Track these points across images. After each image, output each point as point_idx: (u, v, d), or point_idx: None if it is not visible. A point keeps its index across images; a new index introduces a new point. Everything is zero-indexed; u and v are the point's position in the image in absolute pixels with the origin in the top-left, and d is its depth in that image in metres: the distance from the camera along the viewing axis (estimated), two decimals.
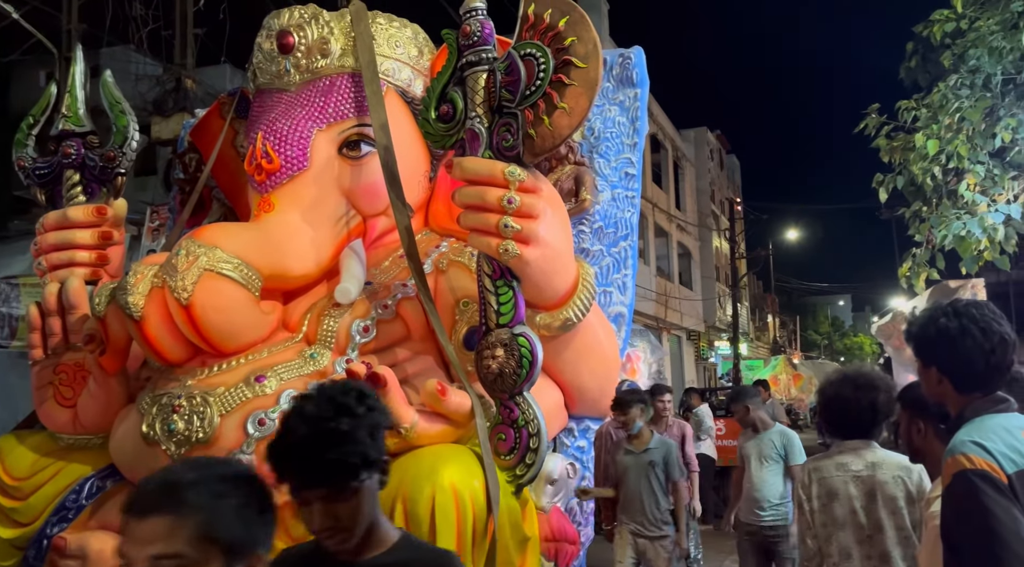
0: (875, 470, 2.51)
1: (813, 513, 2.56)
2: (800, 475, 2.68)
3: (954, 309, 1.82)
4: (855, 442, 2.59)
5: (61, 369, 4.48)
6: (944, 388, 1.78)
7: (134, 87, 10.22)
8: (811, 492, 2.59)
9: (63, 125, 4.86)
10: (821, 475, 2.59)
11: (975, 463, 1.61)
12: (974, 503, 1.58)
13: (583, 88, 3.58)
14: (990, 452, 1.64)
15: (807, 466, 2.66)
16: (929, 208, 7.38)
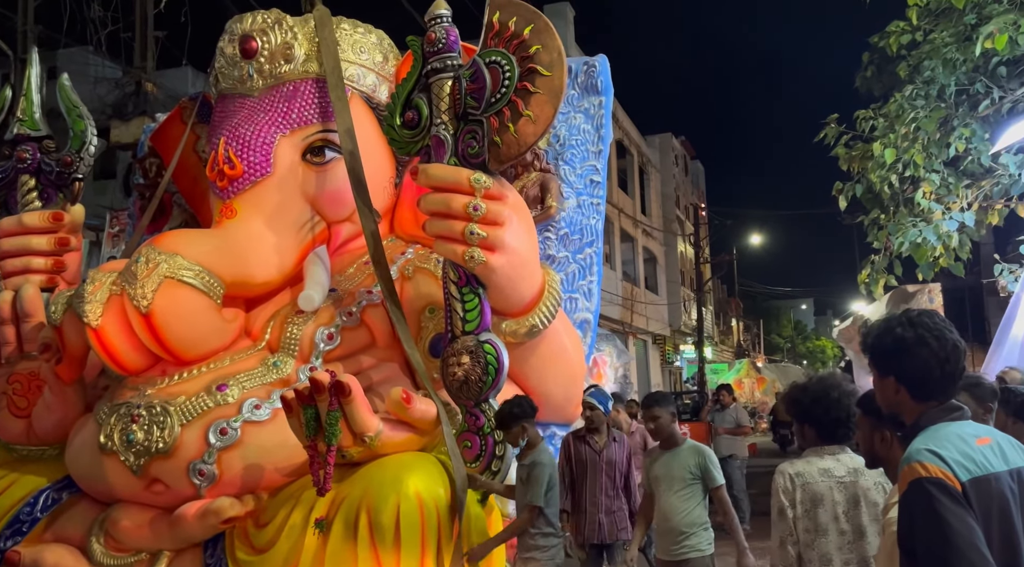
0: (858, 476, 2.52)
1: (796, 520, 2.51)
2: (782, 481, 2.59)
3: (908, 319, 1.86)
4: (833, 447, 2.59)
5: (15, 378, 4.38)
6: (901, 397, 1.82)
7: (93, 90, 10.03)
8: (795, 498, 2.53)
9: (18, 129, 4.75)
10: (805, 480, 2.54)
11: (930, 471, 1.64)
12: (929, 511, 1.61)
13: (548, 96, 3.61)
14: (945, 460, 1.67)
15: (787, 471, 2.59)
16: (887, 216, 7.54)
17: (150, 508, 3.94)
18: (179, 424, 3.78)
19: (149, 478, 3.86)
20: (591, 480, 5.40)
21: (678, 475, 4.38)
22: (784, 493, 2.56)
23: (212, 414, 3.82)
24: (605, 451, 5.38)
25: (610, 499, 5.40)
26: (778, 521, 2.57)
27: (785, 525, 2.54)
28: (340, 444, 3.57)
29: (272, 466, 3.86)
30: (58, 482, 4.23)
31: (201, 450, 3.77)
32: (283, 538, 3.64)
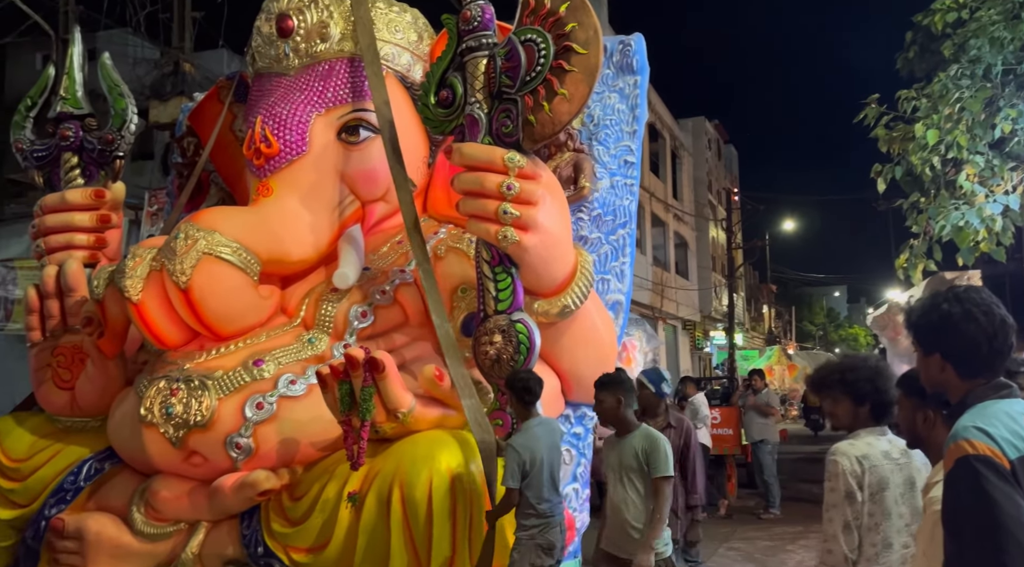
0: (909, 457, 2.45)
1: (863, 504, 2.38)
2: (848, 464, 2.41)
3: (955, 295, 1.81)
4: (881, 428, 2.52)
5: (59, 351, 4.49)
6: (947, 375, 1.77)
7: (132, 71, 10.17)
8: (864, 483, 2.40)
9: (61, 107, 4.84)
10: (872, 463, 2.41)
11: (977, 448, 1.60)
12: (976, 489, 1.57)
13: (583, 74, 3.58)
14: (993, 438, 1.63)
15: (851, 453, 2.44)
16: (927, 199, 7.37)
17: (189, 480, 4.03)
18: (217, 398, 3.86)
19: (188, 450, 3.95)
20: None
21: (626, 463, 4.09)
22: (852, 476, 2.41)
23: (249, 389, 3.89)
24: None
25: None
26: (842, 505, 2.41)
27: (852, 509, 2.40)
28: (374, 420, 3.62)
29: (307, 440, 3.93)
30: (100, 453, 4.35)
31: (238, 424, 3.85)
32: (317, 511, 3.71)
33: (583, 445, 4.63)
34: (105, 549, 3.88)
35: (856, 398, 2.53)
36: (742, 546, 7.55)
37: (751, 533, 8.00)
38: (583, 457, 4.62)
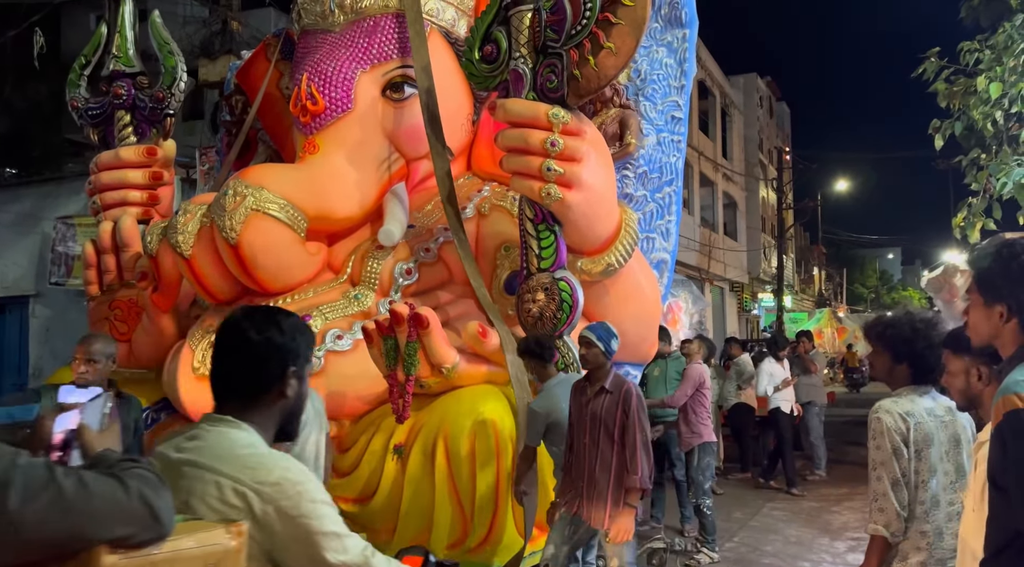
0: (954, 415, 2.39)
1: (909, 460, 2.32)
2: (892, 421, 2.34)
3: None
4: (926, 387, 2.46)
5: (116, 305, 4.63)
6: (1007, 327, 1.69)
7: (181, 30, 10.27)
8: (909, 439, 2.34)
9: (114, 66, 4.93)
10: (916, 421, 2.35)
11: None
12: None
13: (630, 28, 3.51)
14: None
15: (895, 410, 2.36)
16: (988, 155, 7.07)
17: None
18: None
19: None
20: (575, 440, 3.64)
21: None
22: (897, 433, 2.35)
23: None
24: (591, 403, 3.56)
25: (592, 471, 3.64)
26: (890, 461, 2.34)
27: (900, 465, 2.34)
28: (418, 374, 3.68)
29: (353, 394, 4.01)
30: (156, 403, 4.50)
31: None
32: (364, 463, 3.81)
33: None
34: None
35: (894, 356, 2.47)
36: (787, 506, 7.53)
37: (796, 494, 7.97)
38: None
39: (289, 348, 1.46)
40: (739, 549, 6.02)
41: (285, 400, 1.48)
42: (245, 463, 1.34)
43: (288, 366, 1.46)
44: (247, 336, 1.45)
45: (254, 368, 1.45)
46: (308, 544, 1.32)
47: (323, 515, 1.34)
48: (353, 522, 3.81)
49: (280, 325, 1.47)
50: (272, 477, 1.33)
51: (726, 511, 7.05)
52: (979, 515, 1.78)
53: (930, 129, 7.33)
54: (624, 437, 3.42)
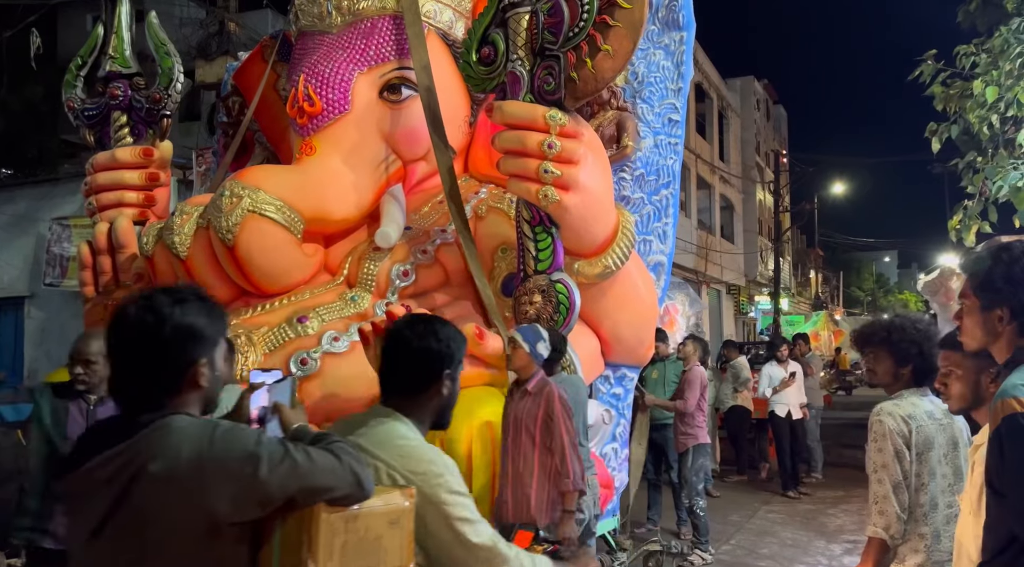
0: (951, 418, 2.40)
1: (911, 464, 2.34)
2: (894, 424, 2.36)
3: None
4: (924, 389, 2.46)
5: (112, 306, 4.62)
6: (1005, 331, 1.69)
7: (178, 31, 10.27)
8: (911, 442, 2.35)
9: (110, 66, 4.92)
10: (918, 423, 2.36)
11: None
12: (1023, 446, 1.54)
13: (627, 30, 3.51)
14: None
15: (897, 413, 2.38)
16: (984, 158, 7.09)
17: None
18: (262, 353, 3.94)
19: None
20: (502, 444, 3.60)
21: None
22: (900, 436, 2.35)
23: (293, 345, 3.96)
24: (515, 406, 3.52)
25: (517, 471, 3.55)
26: (892, 464, 2.35)
27: (902, 468, 2.35)
28: None
29: (350, 396, 3.99)
30: None
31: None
32: None
33: (623, 405, 4.65)
34: None
35: (899, 359, 2.46)
36: (783, 508, 7.54)
37: (792, 496, 7.98)
38: (622, 417, 4.63)
39: (444, 354, 1.73)
40: (735, 552, 6.02)
41: (440, 398, 1.75)
42: (400, 452, 1.62)
43: (444, 369, 1.73)
44: (409, 344, 1.72)
45: (414, 371, 1.72)
46: (447, 527, 1.58)
47: (459, 503, 1.60)
48: None
49: (437, 334, 1.73)
50: (420, 467, 1.60)
51: (722, 514, 7.05)
52: (976, 518, 1.78)
53: (927, 132, 7.35)
54: (549, 440, 3.40)
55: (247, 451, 1.36)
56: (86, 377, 3.12)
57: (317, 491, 1.38)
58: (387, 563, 1.45)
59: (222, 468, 1.34)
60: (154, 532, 1.35)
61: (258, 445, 1.37)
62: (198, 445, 1.36)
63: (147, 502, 1.34)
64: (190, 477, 1.34)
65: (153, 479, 1.34)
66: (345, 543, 1.41)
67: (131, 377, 1.45)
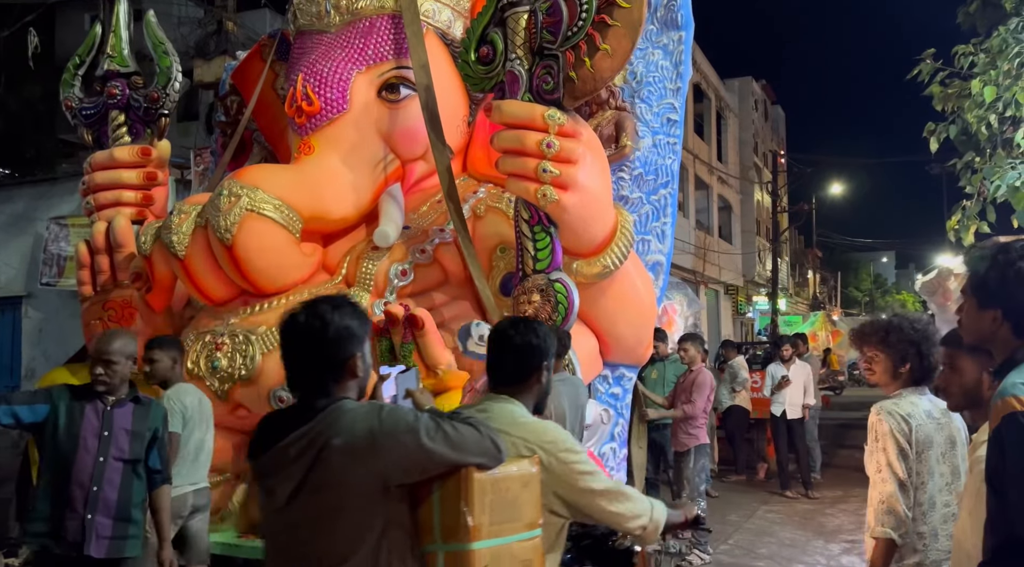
0: (949, 417, 2.40)
1: (912, 463, 2.36)
2: (895, 423, 2.38)
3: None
4: (922, 388, 2.47)
5: (109, 306, 4.61)
6: (1000, 332, 1.70)
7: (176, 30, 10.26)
8: (911, 441, 2.37)
9: (108, 65, 4.91)
10: (917, 423, 2.39)
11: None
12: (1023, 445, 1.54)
13: (626, 29, 3.50)
14: None
15: (896, 412, 2.41)
16: (983, 158, 7.09)
17: (235, 432, 4.14)
18: (260, 352, 3.94)
19: (233, 403, 4.05)
20: None
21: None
22: (901, 435, 2.37)
23: None
24: None
25: None
26: (896, 464, 2.36)
27: (907, 466, 2.37)
28: None
29: None
30: None
31: (281, 378, 3.87)
32: None
33: (621, 405, 4.64)
34: None
35: (897, 359, 2.48)
36: (781, 508, 7.54)
37: (790, 496, 7.98)
38: (621, 417, 4.63)
39: (543, 349, 2.09)
40: (734, 551, 6.02)
41: (540, 385, 2.12)
42: (528, 428, 2.00)
43: (542, 361, 2.10)
44: (512, 341, 2.09)
45: (518, 363, 2.09)
46: (576, 479, 1.98)
47: (580, 460, 2.00)
48: None
49: (536, 332, 2.10)
50: (548, 437, 1.99)
51: (720, 513, 7.06)
52: (974, 517, 1.78)
53: (925, 132, 7.35)
54: None
55: (409, 425, 1.70)
56: (107, 377, 3.07)
57: (466, 457, 1.72)
58: (522, 519, 1.82)
59: (391, 440, 1.68)
60: (338, 494, 1.69)
61: (417, 420, 1.71)
62: (369, 422, 1.69)
63: (332, 470, 1.68)
64: (365, 448, 1.68)
65: (336, 451, 1.67)
66: (492, 501, 1.75)
67: (305, 372, 1.79)
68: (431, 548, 1.77)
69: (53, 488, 3.03)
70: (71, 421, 3.03)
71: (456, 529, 1.72)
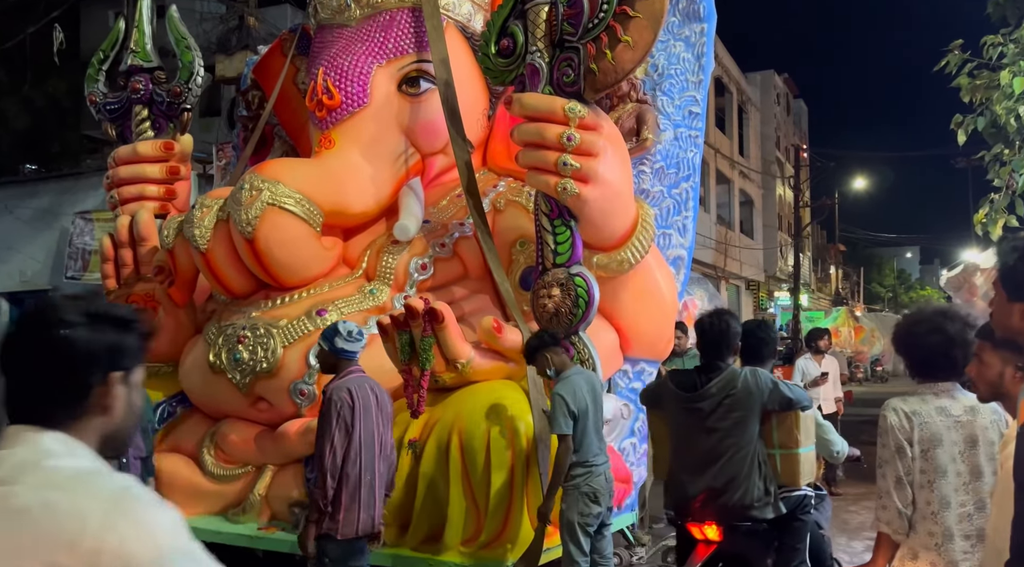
0: (974, 415, 2.37)
1: (914, 460, 2.37)
2: (896, 419, 2.41)
3: None
4: (946, 385, 2.44)
5: (133, 299, 4.65)
6: None
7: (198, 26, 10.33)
8: (912, 438, 2.38)
9: (132, 60, 4.95)
10: (923, 420, 2.38)
11: None
12: None
13: (648, 21, 3.47)
14: None
15: (901, 409, 2.42)
16: (1011, 150, 6.96)
17: (256, 424, 4.17)
18: (281, 346, 3.96)
19: (254, 396, 4.08)
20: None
21: None
22: (900, 431, 2.40)
23: (312, 337, 3.96)
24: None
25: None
26: (894, 460, 2.40)
27: (904, 464, 2.39)
28: (433, 369, 3.66)
29: None
30: (173, 397, 4.52)
31: (302, 371, 3.95)
32: None
33: None
34: (179, 488, 4.05)
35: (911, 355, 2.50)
36: None
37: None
38: (641, 412, 4.60)
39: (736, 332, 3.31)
40: None
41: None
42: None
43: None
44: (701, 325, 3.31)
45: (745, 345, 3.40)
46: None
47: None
48: None
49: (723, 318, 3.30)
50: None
51: None
52: (1005, 514, 1.75)
53: (952, 124, 7.23)
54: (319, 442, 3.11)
55: (773, 381, 3.15)
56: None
57: (793, 403, 3.14)
58: (810, 439, 3.31)
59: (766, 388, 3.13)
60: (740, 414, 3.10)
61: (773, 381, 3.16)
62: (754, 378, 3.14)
63: (737, 400, 3.09)
64: (753, 389, 3.10)
65: (742, 388, 3.10)
66: (804, 428, 3.24)
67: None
68: (772, 452, 3.22)
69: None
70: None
71: (787, 441, 3.21)
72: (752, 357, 3.33)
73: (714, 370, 3.16)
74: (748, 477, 3.16)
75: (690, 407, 3.20)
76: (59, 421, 1.07)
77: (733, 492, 3.15)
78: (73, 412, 1.08)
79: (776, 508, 3.19)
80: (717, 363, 3.18)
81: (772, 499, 3.20)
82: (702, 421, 3.14)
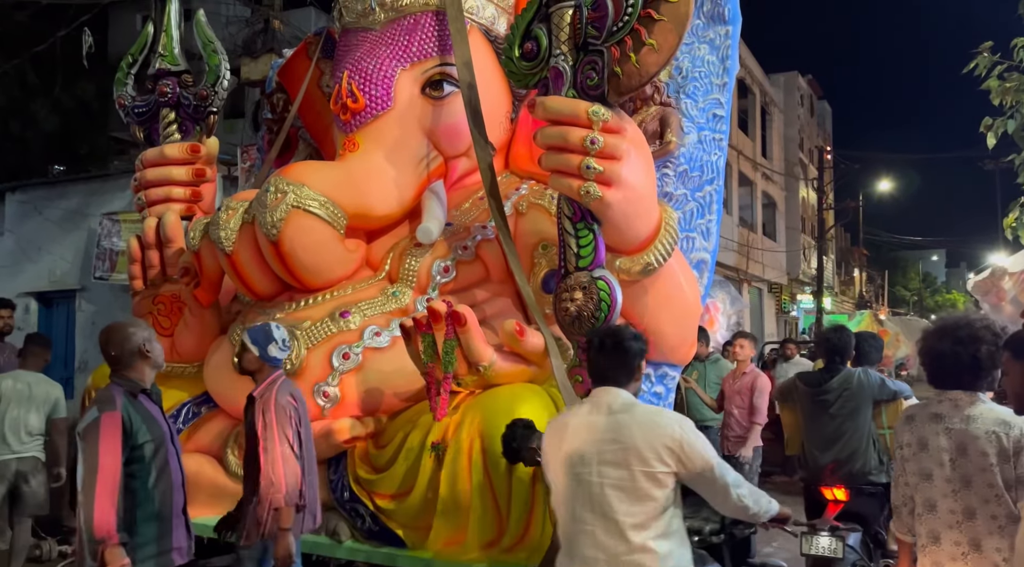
0: (969, 424, 2.38)
1: (906, 461, 2.55)
2: (898, 425, 2.66)
3: None
4: (957, 393, 2.46)
5: (159, 300, 4.71)
6: None
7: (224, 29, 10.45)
8: (902, 440, 2.58)
9: (159, 64, 5.01)
10: (914, 424, 2.54)
11: None
12: None
13: (672, 24, 3.45)
14: None
15: (904, 414, 2.64)
16: None
17: None
18: (305, 347, 3.98)
19: None
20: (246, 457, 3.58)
21: None
22: (897, 435, 2.65)
23: (336, 339, 4.00)
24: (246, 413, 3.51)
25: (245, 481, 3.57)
26: (898, 463, 2.64)
27: (899, 465, 2.60)
28: (456, 372, 3.67)
29: (391, 391, 4.02)
30: (197, 397, 4.56)
31: (325, 372, 3.97)
32: (401, 459, 3.82)
33: (664, 405, 4.59)
34: (203, 488, 4.09)
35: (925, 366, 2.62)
36: None
37: None
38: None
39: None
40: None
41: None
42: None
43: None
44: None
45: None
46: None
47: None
48: (389, 518, 3.82)
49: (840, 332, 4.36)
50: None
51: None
52: None
53: (982, 127, 7.14)
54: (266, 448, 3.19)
55: (880, 378, 4.14)
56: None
57: (897, 394, 3.97)
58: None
59: (876, 384, 4.22)
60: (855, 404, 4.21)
61: (881, 378, 4.14)
62: (865, 376, 4.25)
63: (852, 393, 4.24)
64: (864, 384, 4.25)
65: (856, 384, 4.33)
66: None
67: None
68: (882, 432, 4.06)
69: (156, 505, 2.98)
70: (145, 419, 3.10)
71: (894, 422, 3.55)
72: (863, 359, 4.47)
73: (835, 371, 4.39)
74: (866, 451, 4.24)
75: (816, 399, 4.42)
76: (624, 384, 2.65)
77: (855, 462, 4.24)
78: (629, 380, 2.68)
79: (888, 474, 4.02)
80: (837, 365, 4.38)
81: (885, 467, 4.22)
82: (826, 409, 4.33)
